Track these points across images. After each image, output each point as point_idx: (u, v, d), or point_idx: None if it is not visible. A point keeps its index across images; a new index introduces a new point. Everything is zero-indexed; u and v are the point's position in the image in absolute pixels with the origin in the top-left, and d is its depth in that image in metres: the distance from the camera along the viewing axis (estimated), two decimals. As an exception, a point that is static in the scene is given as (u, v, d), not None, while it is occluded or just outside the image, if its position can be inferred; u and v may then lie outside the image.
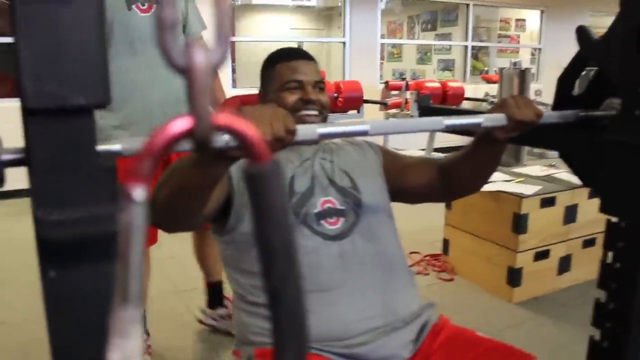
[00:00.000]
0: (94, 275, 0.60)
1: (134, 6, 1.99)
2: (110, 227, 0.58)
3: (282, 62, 1.35)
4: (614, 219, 1.14)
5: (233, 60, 8.31)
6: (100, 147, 0.59)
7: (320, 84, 1.34)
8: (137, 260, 0.27)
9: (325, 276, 1.18)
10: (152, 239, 2.12)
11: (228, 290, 2.49)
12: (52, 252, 0.59)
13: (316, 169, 1.31)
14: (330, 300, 1.17)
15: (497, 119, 1.08)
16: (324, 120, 1.34)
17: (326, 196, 1.27)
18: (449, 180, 1.35)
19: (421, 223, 3.78)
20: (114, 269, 0.63)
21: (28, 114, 0.53)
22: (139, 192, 0.26)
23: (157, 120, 1.97)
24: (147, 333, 2.33)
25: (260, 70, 1.41)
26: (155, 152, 0.26)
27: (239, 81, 7.75)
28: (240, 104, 1.62)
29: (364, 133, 0.96)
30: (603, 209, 1.14)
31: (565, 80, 1.25)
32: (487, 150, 1.22)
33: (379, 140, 6.82)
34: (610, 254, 1.17)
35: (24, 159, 0.56)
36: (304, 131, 0.91)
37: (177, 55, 0.25)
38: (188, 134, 0.26)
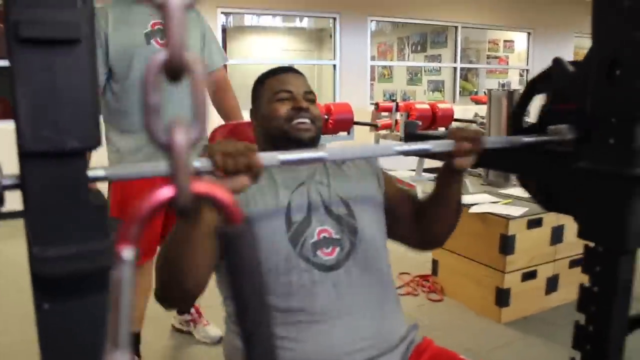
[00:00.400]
0: (85, 308, 0.63)
1: (152, 40, 2.13)
2: (101, 262, 0.61)
3: (271, 77, 1.39)
4: (592, 244, 1.18)
5: (225, 82, 8.34)
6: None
7: (310, 95, 1.36)
8: (126, 311, 0.30)
9: (318, 306, 1.19)
10: (149, 253, 2.14)
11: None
12: (46, 286, 0.61)
13: (312, 196, 1.29)
14: (323, 330, 1.18)
15: (445, 144, 1.17)
16: (317, 132, 1.35)
17: (322, 225, 1.26)
18: (420, 217, 1.37)
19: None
20: (104, 301, 0.67)
21: (25, 156, 0.56)
22: (127, 253, 0.29)
23: None
24: (139, 356, 2.37)
25: (251, 91, 1.44)
26: (141, 218, 0.29)
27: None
28: (230, 132, 1.65)
29: (322, 160, 1.04)
30: (581, 234, 1.18)
31: (518, 111, 1.34)
32: (446, 184, 1.29)
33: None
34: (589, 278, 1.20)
35: (21, 184, 0.59)
36: (266, 158, 0.97)
37: (160, 134, 0.29)
38: (171, 202, 0.30)
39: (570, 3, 8.53)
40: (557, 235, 2.94)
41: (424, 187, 5.53)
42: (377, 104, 6.31)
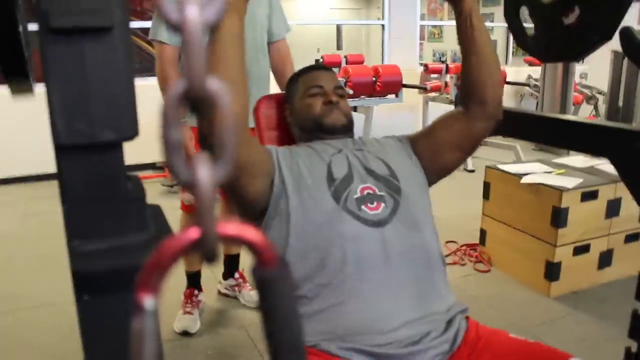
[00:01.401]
0: (125, 300, 0.62)
1: None
2: (138, 256, 0.59)
3: (303, 75, 1.51)
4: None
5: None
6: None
7: (339, 90, 1.47)
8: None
9: (368, 263, 1.18)
10: None
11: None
12: (85, 279, 0.61)
13: (351, 158, 1.34)
14: (370, 288, 1.17)
15: None
16: (349, 122, 1.45)
17: (365, 183, 1.28)
18: (471, 95, 1.38)
19: (459, 211, 3.74)
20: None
21: (60, 149, 0.55)
22: (149, 303, 0.27)
23: None
24: (200, 289, 2.59)
25: (285, 90, 1.58)
26: (164, 264, 0.26)
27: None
28: (276, 102, 1.62)
29: None
30: (644, 219, 1.11)
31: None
32: (461, 15, 1.34)
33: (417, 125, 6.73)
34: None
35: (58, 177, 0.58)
36: None
37: (184, 173, 0.25)
38: (195, 246, 0.27)
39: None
40: (613, 208, 2.82)
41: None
42: (426, 66, 6.16)
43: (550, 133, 1.59)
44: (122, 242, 0.58)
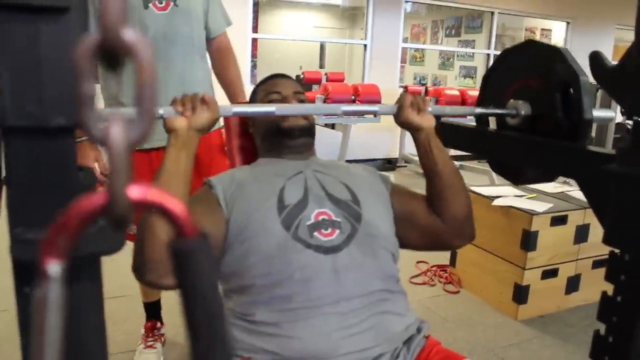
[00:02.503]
0: (69, 294, 0.60)
1: (150, 4, 1.91)
2: (87, 247, 0.57)
3: (262, 84, 1.51)
4: (617, 251, 1.11)
5: (254, 56, 8.34)
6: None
7: (299, 95, 1.45)
8: (53, 336, 0.25)
9: (317, 290, 1.14)
10: None
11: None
12: (27, 270, 0.58)
13: (309, 181, 1.29)
14: (319, 316, 1.13)
15: (390, 107, 1.34)
16: (311, 128, 1.43)
17: (321, 208, 1.23)
18: (440, 214, 1.32)
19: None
20: (89, 288, 0.63)
21: (7, 132, 0.52)
22: (54, 268, 0.25)
23: None
24: (161, 322, 2.36)
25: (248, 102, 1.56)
26: (69, 229, 0.25)
27: (259, 77, 7.76)
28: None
29: (271, 113, 1.24)
30: (606, 240, 1.11)
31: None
32: (423, 151, 1.33)
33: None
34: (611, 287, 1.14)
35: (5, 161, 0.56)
36: (222, 109, 1.19)
37: (96, 130, 0.24)
38: (103, 211, 0.25)
39: (614, -7, 8.24)
40: (581, 234, 2.86)
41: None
42: (405, 88, 6.22)
43: (520, 153, 1.60)
44: (69, 231, 0.56)
